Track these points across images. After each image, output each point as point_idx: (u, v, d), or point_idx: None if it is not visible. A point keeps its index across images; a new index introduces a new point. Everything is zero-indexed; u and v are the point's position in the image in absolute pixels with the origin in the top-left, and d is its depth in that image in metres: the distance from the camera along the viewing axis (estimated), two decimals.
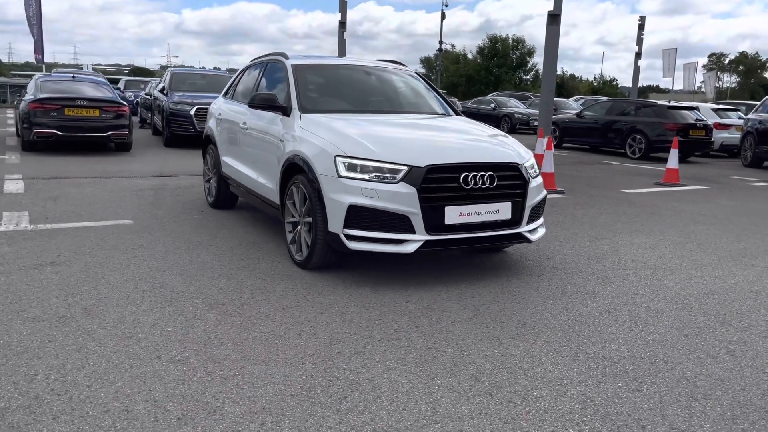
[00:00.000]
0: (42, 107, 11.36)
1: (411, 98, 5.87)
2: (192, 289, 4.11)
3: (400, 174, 4.15)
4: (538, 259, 5.21)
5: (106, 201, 7.12)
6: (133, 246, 5.16)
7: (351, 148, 4.32)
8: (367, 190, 4.13)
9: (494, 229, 4.42)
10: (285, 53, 5.86)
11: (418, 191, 4.11)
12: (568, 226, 6.65)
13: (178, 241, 5.38)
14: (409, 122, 5.20)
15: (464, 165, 4.28)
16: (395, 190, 4.11)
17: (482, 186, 4.29)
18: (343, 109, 5.32)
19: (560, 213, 7.42)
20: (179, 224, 6.07)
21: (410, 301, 4.05)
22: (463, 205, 4.25)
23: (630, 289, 4.48)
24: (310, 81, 5.49)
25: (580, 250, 5.63)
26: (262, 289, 4.16)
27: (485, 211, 4.33)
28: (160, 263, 4.69)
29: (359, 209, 4.15)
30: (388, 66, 6.19)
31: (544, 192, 4.90)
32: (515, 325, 3.70)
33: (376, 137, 4.49)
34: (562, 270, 4.92)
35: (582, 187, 9.88)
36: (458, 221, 4.25)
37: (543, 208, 4.94)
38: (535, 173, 4.75)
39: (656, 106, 16.02)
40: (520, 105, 26.31)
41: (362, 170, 4.20)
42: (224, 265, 4.72)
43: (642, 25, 31.70)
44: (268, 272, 4.57)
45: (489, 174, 4.33)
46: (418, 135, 4.80)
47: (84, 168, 9.88)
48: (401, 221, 4.15)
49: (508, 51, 51.56)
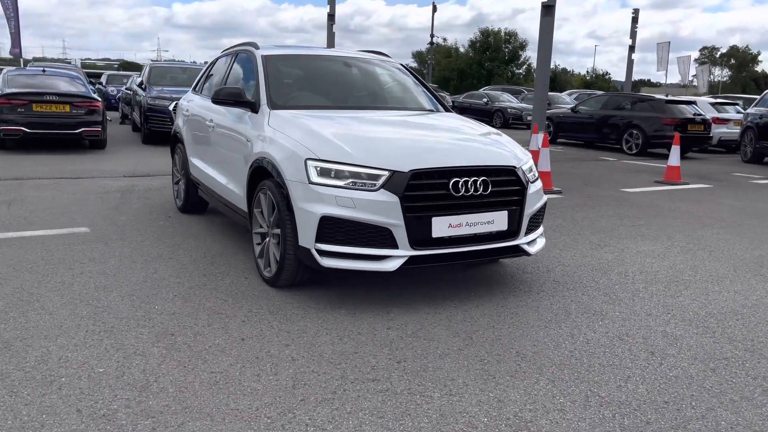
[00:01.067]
0: (8, 103, 10.71)
1: (396, 93, 5.31)
2: (139, 315, 3.54)
3: (380, 180, 3.60)
4: (537, 272, 4.67)
5: (66, 205, 6.53)
6: (83, 260, 4.59)
7: (324, 150, 3.76)
8: (342, 199, 3.58)
9: (488, 241, 3.87)
10: (255, 42, 5.28)
11: (401, 200, 3.56)
12: (567, 232, 6.12)
13: (136, 254, 4.81)
14: (393, 120, 4.65)
15: (454, 169, 3.73)
16: (375, 199, 3.56)
17: (474, 193, 3.75)
18: (318, 105, 4.76)
19: (559, 216, 6.89)
20: (141, 233, 5.49)
21: (392, 327, 3.50)
22: (453, 216, 3.70)
23: (642, 309, 3.95)
24: (282, 73, 4.91)
25: (582, 259, 5.10)
26: (221, 314, 3.60)
27: (478, 222, 3.79)
28: (110, 281, 4.12)
29: (333, 221, 3.60)
30: (371, 57, 5.62)
31: (544, 198, 4.37)
32: (513, 357, 3.16)
33: (354, 137, 3.94)
34: (564, 285, 4.38)
35: (579, 186, 9.36)
36: (447, 234, 3.70)
37: (543, 215, 4.40)
38: (534, 177, 4.21)
39: (654, 100, 15.53)
40: (513, 99, 25.81)
41: (337, 176, 3.64)
42: (182, 282, 4.16)
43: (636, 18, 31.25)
44: (231, 291, 4.01)
45: (482, 179, 3.78)
46: (402, 135, 4.25)
47: (52, 167, 9.27)
48: (382, 235, 3.60)
49: (500, 45, 51.02)
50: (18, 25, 22.70)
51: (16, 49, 22.23)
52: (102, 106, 11.60)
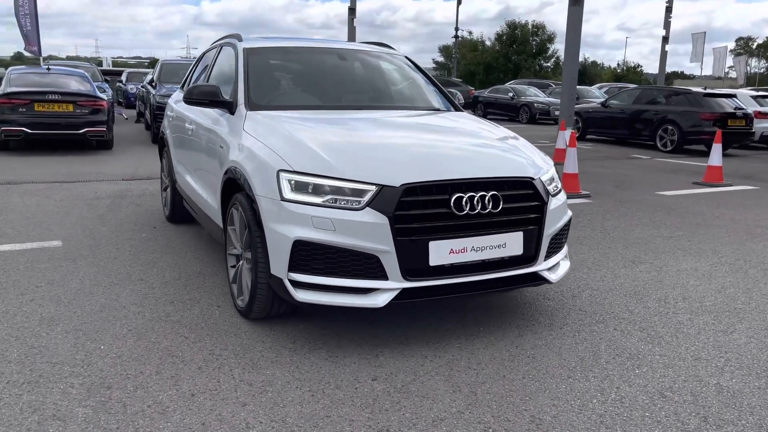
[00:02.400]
0: (9, 103, 10.31)
1: (398, 90, 4.64)
2: (78, 359, 2.96)
3: (366, 196, 2.95)
4: (560, 299, 3.99)
5: (46, 214, 6.02)
6: (40, 282, 4.04)
7: (300, 159, 3.13)
8: (319, 220, 2.94)
9: (500, 269, 3.20)
10: (239, 35, 4.67)
11: (391, 220, 2.91)
12: (597, 244, 5.41)
13: (102, 274, 4.24)
14: (391, 122, 3.99)
15: (457, 182, 3.07)
16: (359, 220, 2.92)
17: (482, 211, 3.08)
18: (306, 105, 4.13)
19: (587, 225, 6.17)
20: (117, 247, 4.94)
21: (379, 377, 2.86)
22: (455, 239, 3.04)
23: (688, 350, 3.25)
24: (266, 69, 4.29)
25: (613, 281, 4.39)
26: (176, 358, 3.00)
27: (487, 246, 3.12)
28: (60, 311, 3.56)
29: (309, 246, 2.97)
30: (371, 49, 4.96)
31: (569, 213, 3.68)
32: (527, 424, 2.50)
33: (339, 145, 3.30)
34: (593, 316, 3.70)
35: (610, 188, 8.58)
36: (448, 261, 3.04)
37: (567, 233, 3.72)
38: (556, 188, 3.53)
39: (690, 93, 14.57)
40: (540, 94, 24.87)
41: (315, 191, 3.01)
42: (143, 312, 3.58)
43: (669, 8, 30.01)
44: (196, 325, 3.41)
45: (492, 194, 3.11)
46: (398, 140, 3.60)
47: (48, 170, 8.82)
48: (368, 263, 2.96)
49: (527, 37, 49.72)
50: (36, 23, 22.47)
51: (34, 47, 21.99)
52: (107, 105, 11.14)
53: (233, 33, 4.82)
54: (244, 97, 3.93)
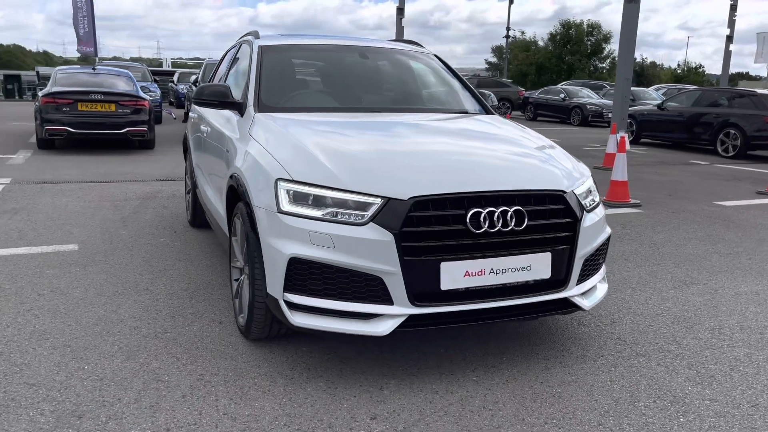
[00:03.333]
0: (54, 102, 10.44)
1: (424, 91, 4.29)
2: (57, 380, 2.74)
3: (370, 210, 2.63)
4: (597, 324, 3.57)
5: (71, 216, 5.92)
6: (43, 290, 3.87)
7: (302, 167, 2.83)
8: (318, 236, 2.63)
9: (524, 294, 2.83)
10: (257, 32, 4.41)
11: (398, 237, 2.58)
12: (644, 261, 4.92)
13: (109, 282, 4.05)
14: (412, 126, 3.65)
15: (475, 195, 2.71)
16: (361, 237, 2.60)
17: (504, 228, 2.71)
18: (321, 107, 3.83)
19: (634, 238, 5.68)
20: (132, 252, 4.76)
21: (379, 416, 2.53)
22: (471, 260, 2.68)
23: (744, 395, 2.80)
24: (280, 68, 4.01)
25: (660, 305, 3.93)
26: (161, 383, 2.74)
27: (509, 268, 2.75)
28: (55, 323, 3.36)
29: (306, 264, 2.66)
30: (398, 47, 4.61)
31: (607, 231, 3.27)
32: None
33: (346, 151, 2.98)
34: (633, 347, 3.27)
35: (663, 197, 8.00)
36: (463, 285, 2.69)
37: (605, 253, 3.30)
38: (593, 203, 3.12)
39: (756, 95, 13.65)
40: (593, 95, 24.00)
41: (315, 203, 2.70)
42: (140, 327, 3.35)
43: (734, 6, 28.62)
44: (191, 344, 3.16)
45: (515, 209, 2.74)
46: (415, 147, 3.25)
47: (87, 170, 8.84)
48: (370, 285, 2.64)
49: (582, 37, 48.31)
50: (93, 25, 23.09)
51: (89, 48, 22.58)
52: (149, 105, 11.16)
53: (252, 30, 4.57)
54: (254, 98, 3.66)
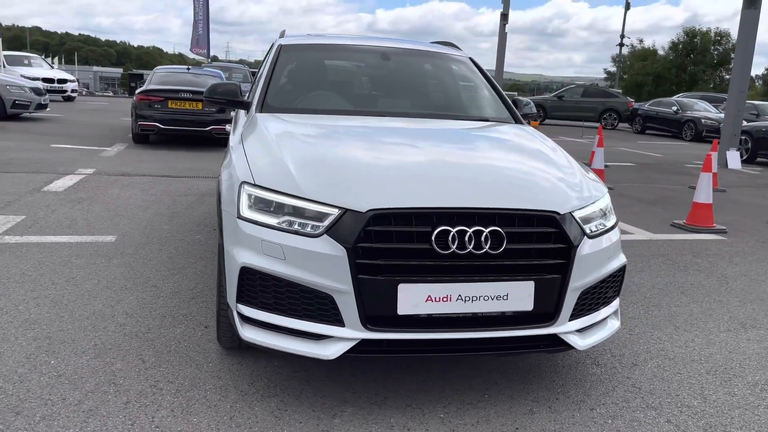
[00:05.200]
0: (147, 99, 11.02)
1: (447, 96, 3.99)
2: (19, 373, 2.73)
3: (326, 221, 2.41)
4: (614, 365, 3.13)
5: (127, 208, 6.13)
6: (59, 279, 3.96)
7: (267, 172, 2.66)
8: (269, 245, 2.45)
9: (500, 326, 2.50)
10: (284, 31, 4.32)
11: (351, 253, 2.34)
12: (703, 296, 4.34)
13: (125, 276, 4.09)
14: (413, 133, 3.37)
15: (444, 211, 2.42)
16: (312, 249, 2.39)
17: (476, 250, 2.40)
18: (329, 109, 3.64)
19: (703, 269, 5.04)
20: (163, 247, 4.82)
21: None
22: (435, 283, 2.39)
23: None
24: (296, 68, 3.88)
25: (702, 349, 3.40)
26: (114, 386, 2.67)
27: (480, 296, 2.43)
28: (50, 314, 3.40)
29: (256, 275, 2.49)
30: (429, 49, 4.34)
31: (620, 260, 2.84)
32: None
33: (319, 159, 2.78)
34: (646, 397, 2.82)
35: (758, 224, 7.12)
36: (424, 311, 2.40)
37: (617, 286, 2.88)
38: (599, 228, 2.71)
39: None
40: (711, 108, 22.19)
41: (276, 210, 2.52)
42: (126, 324, 3.32)
43: None
44: (165, 347, 3.08)
45: (491, 229, 2.42)
46: (399, 156, 2.95)
47: (166, 165, 9.22)
48: (321, 303, 2.42)
49: (708, 46, 44.91)
50: (207, 28, 24.38)
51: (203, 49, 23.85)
52: None
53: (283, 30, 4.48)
54: (259, 97, 3.56)
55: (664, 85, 42.75)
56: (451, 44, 4.58)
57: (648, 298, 4.22)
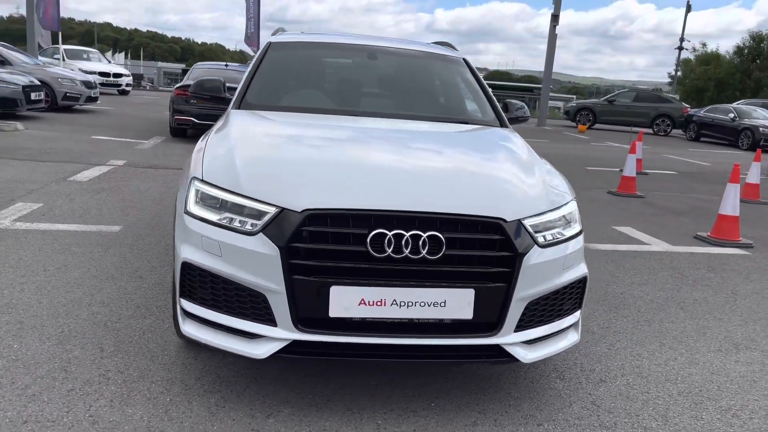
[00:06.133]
0: (184, 94, 11.27)
1: (430, 97, 3.92)
2: None
3: (263, 220, 2.40)
4: (579, 381, 3.00)
5: (142, 200, 6.29)
6: (51, 266, 4.08)
7: (216, 168, 2.67)
8: (208, 242, 2.46)
9: (438, 334, 2.43)
10: (282, 28, 4.34)
11: (284, 253, 2.32)
12: (703, 313, 4.12)
13: (115, 266, 4.19)
14: (381, 133, 3.30)
15: (382, 214, 2.37)
16: (247, 247, 2.38)
17: (413, 255, 2.34)
18: (307, 108, 3.62)
19: (712, 285, 4.80)
20: (162, 239, 4.91)
21: None
22: (370, 287, 2.34)
23: None
24: (281, 66, 3.89)
25: (682, 370, 3.23)
26: (64, 373, 2.72)
27: (417, 301, 2.37)
28: (29, 300, 3.51)
29: (195, 271, 2.50)
30: (421, 49, 4.26)
31: (580, 271, 2.72)
32: None
33: (268, 157, 2.79)
34: (601, 417, 2.69)
35: None
36: (358, 314, 2.36)
37: (577, 299, 2.76)
38: (559, 236, 2.60)
39: None
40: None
41: (221, 207, 2.52)
42: (100, 313, 3.39)
43: None
44: (128, 338, 3.13)
45: (430, 234, 2.35)
46: (352, 157, 2.88)
47: None
48: (254, 302, 2.41)
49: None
50: (258, 25, 24.79)
51: (254, 46, 24.24)
52: None
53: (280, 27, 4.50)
54: (239, 94, 3.58)
55: (727, 91, 40.99)
56: (448, 45, 4.49)
57: (641, 313, 4.04)
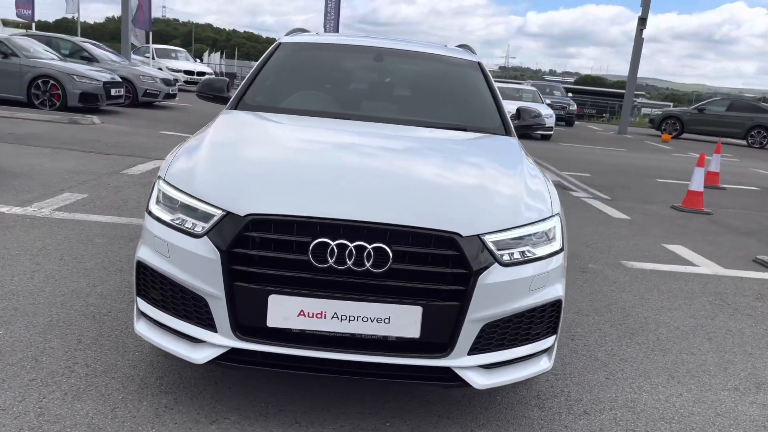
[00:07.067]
0: None
1: (433, 101, 3.75)
2: None
3: (210, 222, 2.35)
4: (559, 412, 2.78)
5: None
6: (68, 256, 4.24)
7: (179, 169, 2.66)
8: (159, 242, 2.44)
9: (383, 351, 2.30)
10: (300, 29, 4.30)
11: (225, 258, 2.27)
12: (732, 346, 3.75)
13: (127, 259, 4.29)
14: (370, 138, 3.18)
15: (328, 222, 2.26)
16: (191, 250, 2.34)
17: (356, 267, 2.22)
18: (304, 110, 3.55)
19: (755, 315, 4.36)
20: None
21: None
22: (309, 298, 2.25)
23: None
24: (285, 66, 3.85)
25: (683, 408, 2.93)
26: (34, 362, 2.79)
27: (359, 316, 2.25)
28: (32, 288, 3.64)
29: (147, 271, 2.50)
30: (434, 51, 4.09)
31: (551, 294, 2.49)
32: None
33: (229, 159, 2.74)
34: None
35: None
36: (297, 325, 2.27)
37: (548, 323, 2.54)
38: (524, 256, 2.41)
39: None
40: None
41: (176, 208, 2.50)
42: (92, 305, 3.47)
43: None
44: (108, 331, 3.18)
45: (376, 246, 2.23)
46: (319, 164, 2.74)
47: None
48: (197, 306, 2.37)
49: None
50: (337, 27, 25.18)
51: None
52: None
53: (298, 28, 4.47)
54: (237, 95, 3.57)
55: None
56: (467, 47, 4.31)
57: (660, 341, 3.72)
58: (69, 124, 11.17)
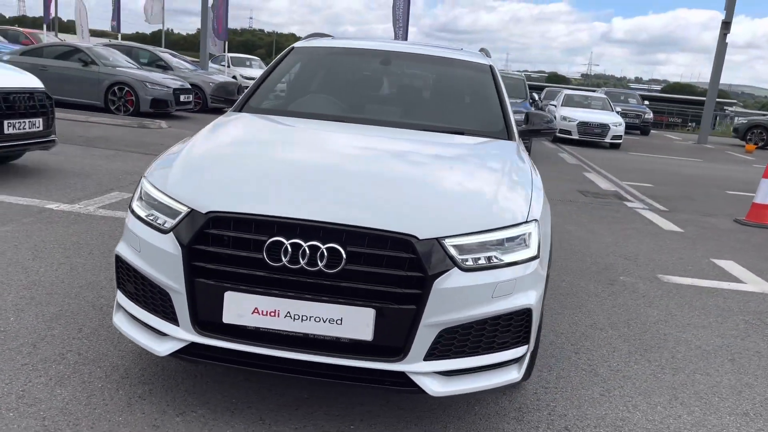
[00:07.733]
0: None
1: (438, 105, 3.68)
2: None
3: (176, 219, 2.42)
4: (542, 429, 2.66)
5: None
6: (94, 251, 4.45)
7: (161, 167, 2.76)
8: (133, 237, 2.54)
9: (336, 353, 2.28)
10: (319, 33, 4.35)
11: (186, 253, 2.32)
12: (755, 369, 3.48)
13: None
14: (360, 141, 3.17)
15: (283, 221, 2.27)
16: (158, 245, 2.41)
17: (309, 267, 2.22)
18: (308, 113, 3.58)
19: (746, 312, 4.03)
20: None
21: None
22: (263, 296, 2.26)
23: None
24: (299, 70, 3.91)
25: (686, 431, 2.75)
26: (22, 356, 2.95)
27: (311, 316, 2.25)
28: (29, 280, 3.84)
29: (123, 264, 2.60)
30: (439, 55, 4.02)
31: (520, 302, 2.40)
32: None
33: (205, 158, 2.81)
34: None
35: None
36: (251, 323, 2.29)
37: (517, 335, 2.44)
38: (488, 262, 2.33)
39: None
40: None
41: (153, 204, 2.58)
42: (86, 296, 3.64)
43: None
44: (93, 320, 3.32)
45: (328, 247, 2.22)
46: (289, 164, 2.76)
47: None
48: (162, 300, 2.44)
49: None
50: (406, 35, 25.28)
51: None
52: None
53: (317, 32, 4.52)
54: (243, 98, 3.65)
55: None
56: (483, 50, 4.22)
57: (674, 360, 3.50)
58: (138, 128, 11.76)
